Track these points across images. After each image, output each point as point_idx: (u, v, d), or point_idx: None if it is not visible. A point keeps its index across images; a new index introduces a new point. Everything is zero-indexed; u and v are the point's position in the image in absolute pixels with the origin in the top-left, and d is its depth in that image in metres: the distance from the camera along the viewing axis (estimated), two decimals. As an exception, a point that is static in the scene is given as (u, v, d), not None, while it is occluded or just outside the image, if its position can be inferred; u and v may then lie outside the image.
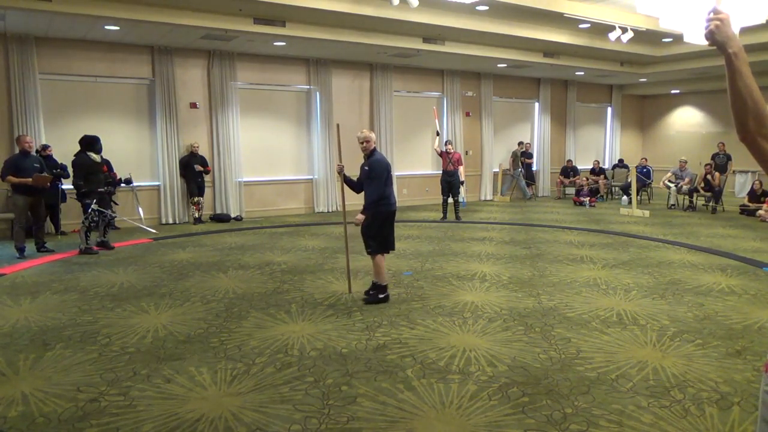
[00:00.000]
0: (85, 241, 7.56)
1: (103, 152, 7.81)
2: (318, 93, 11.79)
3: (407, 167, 13.19)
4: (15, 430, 2.97)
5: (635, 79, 15.28)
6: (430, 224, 10.37)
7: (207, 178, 10.64)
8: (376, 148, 5.30)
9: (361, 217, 5.18)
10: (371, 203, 5.17)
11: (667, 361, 3.86)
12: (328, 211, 12.03)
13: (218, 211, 10.87)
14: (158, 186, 10.39)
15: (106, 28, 8.58)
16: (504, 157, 14.84)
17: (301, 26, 9.26)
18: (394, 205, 5.32)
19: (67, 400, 3.29)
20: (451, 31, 10.03)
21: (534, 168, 15.21)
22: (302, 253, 7.64)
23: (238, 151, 11.01)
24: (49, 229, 9.01)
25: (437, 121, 11.38)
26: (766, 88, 4.26)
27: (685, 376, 3.61)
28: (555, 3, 9.24)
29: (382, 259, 5.30)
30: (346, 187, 5.47)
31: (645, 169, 13.89)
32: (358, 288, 5.75)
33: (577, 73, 14.49)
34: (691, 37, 2.51)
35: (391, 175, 5.35)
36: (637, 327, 4.58)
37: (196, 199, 10.46)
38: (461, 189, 11.04)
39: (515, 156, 14.65)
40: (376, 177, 5.13)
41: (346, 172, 5.40)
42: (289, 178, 11.86)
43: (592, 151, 16.91)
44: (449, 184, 10.51)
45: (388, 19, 9.00)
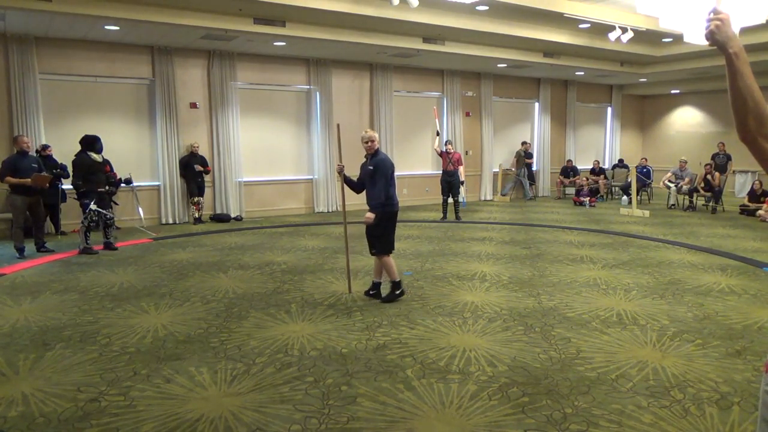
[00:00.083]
0: (85, 241, 7.56)
1: (103, 152, 7.80)
2: (318, 93, 11.79)
3: (407, 167, 13.18)
4: (15, 430, 2.97)
5: (635, 79, 15.28)
6: (430, 224, 10.37)
7: (207, 178, 10.65)
8: (379, 148, 5.32)
9: (371, 216, 5.16)
10: (378, 203, 5.17)
11: (667, 361, 3.86)
12: (328, 211, 12.04)
13: (218, 211, 10.87)
14: (158, 186, 10.39)
15: (106, 28, 8.58)
16: (504, 158, 14.85)
17: (301, 26, 9.26)
18: (397, 206, 5.34)
19: (67, 400, 3.29)
20: (451, 31, 10.03)
21: (534, 168, 15.21)
22: (302, 253, 7.64)
23: (238, 151, 11.01)
24: (49, 229, 9.01)
25: (437, 121, 11.38)
26: (766, 88, 4.26)
27: (685, 376, 3.61)
28: (555, 3, 9.24)
29: (389, 257, 5.33)
30: (346, 187, 5.48)
31: (645, 169, 13.90)
32: (358, 288, 5.75)
33: (577, 73, 14.49)
34: (691, 37, 2.50)
35: (394, 175, 5.37)
36: (637, 327, 4.59)
37: (196, 199, 10.46)
38: (461, 189, 11.04)
39: (519, 156, 14.64)
40: (382, 177, 5.14)
41: (346, 172, 5.40)
42: (289, 178, 11.87)
43: (592, 151, 16.91)
44: (449, 184, 10.52)
45: (388, 19, 9.01)
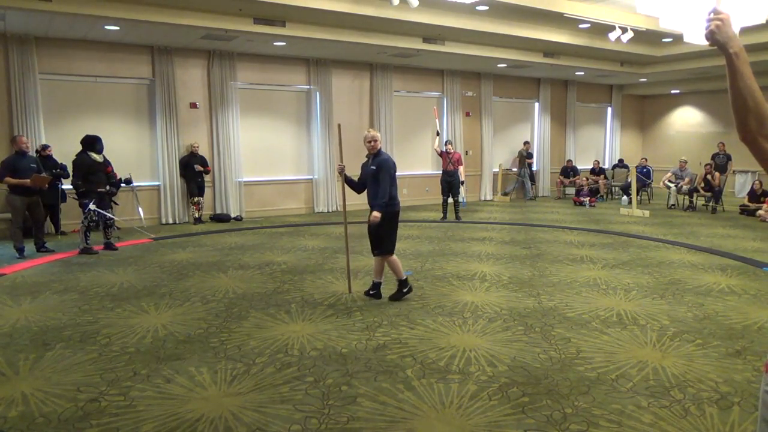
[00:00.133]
0: (85, 241, 7.56)
1: (103, 152, 7.79)
2: (318, 93, 11.79)
3: (407, 167, 13.17)
4: (15, 430, 2.96)
5: (635, 79, 15.28)
6: (430, 224, 10.37)
7: (207, 178, 10.65)
8: (381, 148, 5.32)
9: (378, 215, 5.14)
10: (384, 203, 5.16)
11: (667, 361, 3.86)
12: (328, 211, 12.04)
13: (218, 211, 10.87)
14: (158, 186, 10.39)
15: (106, 28, 8.58)
16: (504, 158, 14.84)
17: (301, 26, 9.26)
18: (399, 205, 5.35)
19: (67, 400, 3.29)
20: (451, 31, 10.03)
21: (534, 168, 15.21)
22: (302, 253, 7.64)
23: (238, 151, 11.01)
24: (49, 229, 9.01)
25: (437, 121, 11.38)
26: (766, 88, 4.26)
27: (685, 376, 3.61)
28: (555, 3, 9.24)
29: (393, 256, 5.35)
30: (346, 187, 5.48)
31: (645, 169, 13.90)
32: (358, 288, 5.75)
33: (577, 73, 14.49)
34: (691, 37, 2.50)
35: (396, 175, 5.39)
36: (637, 327, 4.59)
37: (196, 199, 10.46)
38: (461, 189, 11.04)
39: (521, 156, 14.65)
40: (387, 176, 5.15)
41: (346, 173, 5.41)
42: (289, 178, 11.87)
43: (592, 151, 16.91)
44: (449, 184, 10.52)
45: (388, 19, 9.01)
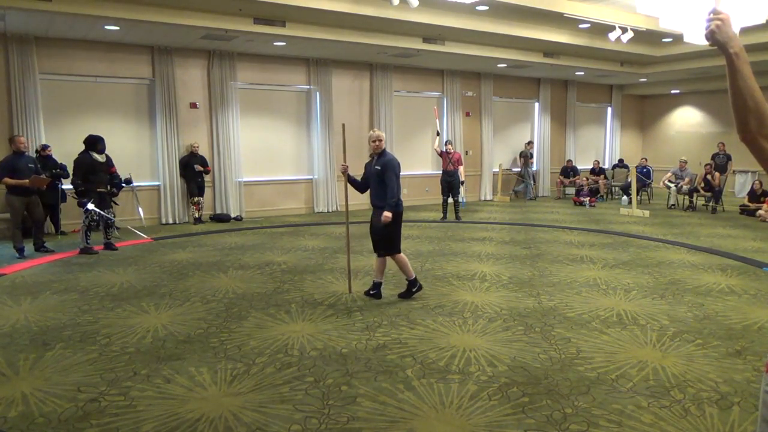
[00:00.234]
0: (86, 241, 7.56)
1: (105, 152, 7.78)
2: (318, 93, 11.79)
3: (407, 167, 13.09)
4: (15, 430, 2.97)
5: (635, 79, 15.27)
6: (430, 224, 10.37)
7: (207, 178, 10.64)
8: (385, 148, 5.33)
9: (389, 215, 5.14)
10: (394, 203, 5.17)
11: (667, 361, 3.86)
12: (328, 211, 12.03)
13: (218, 211, 10.87)
14: (158, 186, 10.39)
15: (106, 28, 8.57)
16: (504, 158, 14.83)
17: (301, 26, 9.26)
18: (402, 205, 5.37)
19: (67, 400, 3.29)
20: (451, 31, 10.03)
21: (534, 168, 15.21)
22: (302, 253, 7.64)
23: (238, 151, 11.00)
24: (49, 229, 9.01)
25: (437, 121, 11.38)
26: (766, 88, 4.25)
27: (685, 376, 3.61)
28: (555, 3, 9.24)
29: (401, 255, 5.36)
30: (349, 187, 5.49)
31: (645, 169, 13.90)
32: (358, 288, 5.75)
33: (577, 73, 14.48)
34: (691, 37, 2.51)
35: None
36: (637, 327, 4.59)
37: (196, 199, 10.46)
38: (461, 189, 11.04)
39: (525, 156, 14.67)
40: (394, 176, 5.17)
41: (348, 172, 5.41)
42: (289, 178, 11.86)
43: (592, 151, 16.90)
44: (449, 184, 10.52)
45: (388, 19, 9.00)
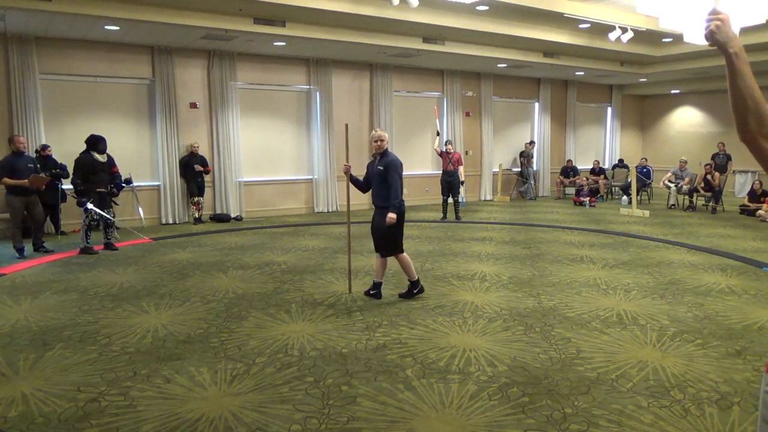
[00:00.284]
0: (86, 240, 7.56)
1: (106, 152, 7.77)
2: (318, 93, 11.79)
3: (407, 167, 12.88)
4: (15, 430, 2.97)
5: (635, 79, 15.27)
6: (430, 224, 10.37)
7: (207, 178, 10.64)
8: (388, 148, 5.33)
9: (394, 216, 5.15)
10: (397, 204, 5.17)
11: (667, 361, 3.86)
12: (328, 211, 12.03)
13: (218, 211, 10.87)
14: (158, 186, 10.39)
15: (106, 28, 8.57)
16: (504, 158, 14.82)
17: (301, 26, 9.26)
18: (404, 205, 5.37)
19: (67, 400, 3.29)
20: (451, 31, 10.03)
21: (534, 168, 15.22)
22: (302, 253, 7.64)
23: (238, 151, 11.00)
24: (49, 229, 9.01)
25: (437, 121, 11.38)
26: (766, 88, 4.25)
27: (685, 376, 3.61)
28: (555, 3, 9.24)
29: (404, 255, 5.37)
30: (351, 186, 5.49)
31: (645, 169, 13.90)
32: (358, 288, 5.75)
33: (577, 73, 14.48)
34: (691, 37, 2.50)
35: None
36: (637, 327, 4.59)
37: (196, 199, 10.46)
38: (461, 189, 11.04)
39: (527, 156, 14.67)
40: (398, 176, 5.17)
41: (351, 172, 5.42)
42: (289, 178, 11.86)
43: (592, 151, 16.90)
44: (449, 184, 10.53)
45: (388, 19, 9.00)
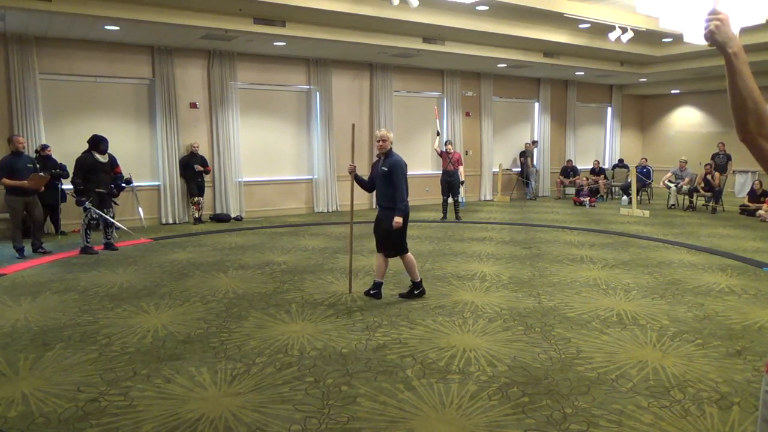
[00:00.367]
0: (85, 240, 7.56)
1: (107, 153, 7.77)
2: (318, 93, 11.79)
3: (407, 167, 13.15)
4: (15, 430, 2.97)
5: (635, 79, 15.27)
6: (430, 224, 10.37)
7: (207, 178, 10.64)
8: (392, 148, 5.31)
9: (400, 221, 5.16)
10: (403, 207, 5.18)
11: (667, 361, 3.86)
12: (328, 211, 12.02)
13: (218, 211, 10.87)
14: (158, 186, 10.39)
15: (106, 28, 8.57)
16: (504, 158, 14.81)
17: (301, 26, 9.26)
18: (408, 206, 5.37)
19: (67, 400, 3.29)
20: (451, 31, 10.03)
21: (535, 167, 15.21)
22: (302, 253, 7.64)
23: (238, 151, 11.00)
24: (49, 229, 9.01)
25: (437, 121, 11.38)
26: (766, 88, 4.26)
27: (685, 376, 3.61)
28: (555, 3, 9.24)
29: (409, 255, 5.38)
30: (355, 187, 5.50)
31: (645, 169, 13.90)
32: (358, 288, 5.75)
33: (577, 73, 14.48)
34: (691, 37, 2.50)
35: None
36: (637, 327, 4.59)
37: (196, 199, 10.46)
38: (461, 189, 11.04)
39: (531, 155, 14.67)
40: (403, 177, 5.18)
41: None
42: (289, 178, 11.85)
43: (592, 151, 16.90)
44: (449, 184, 10.53)
45: (388, 19, 9.00)
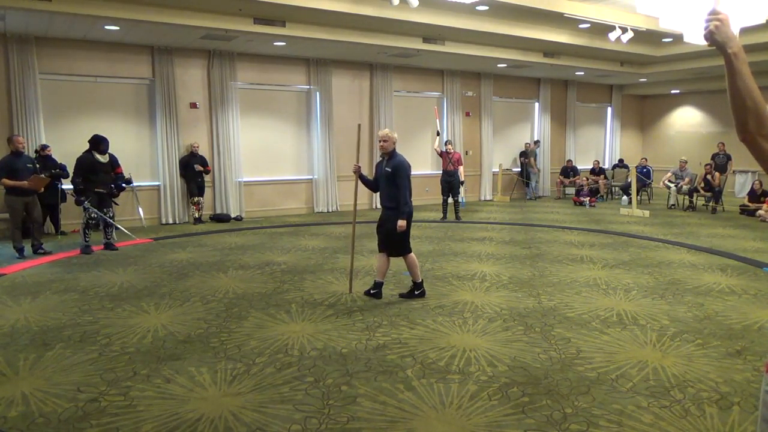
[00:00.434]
0: (84, 239, 7.56)
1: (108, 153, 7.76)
2: (318, 93, 11.79)
3: (407, 167, 13.16)
4: (15, 430, 2.97)
5: (635, 79, 15.27)
6: (430, 224, 10.37)
7: (207, 178, 10.64)
8: (395, 149, 5.31)
9: (403, 224, 5.16)
10: (406, 209, 5.17)
11: (667, 361, 3.86)
12: (328, 211, 12.01)
13: (218, 211, 10.87)
14: (158, 186, 10.39)
15: (106, 28, 8.57)
16: (504, 158, 14.81)
17: (301, 26, 9.26)
18: (412, 206, 5.36)
19: (67, 400, 3.29)
20: (451, 31, 10.03)
21: (537, 167, 15.23)
22: (302, 253, 7.64)
23: (238, 151, 11.00)
24: (49, 229, 9.01)
25: (437, 120, 11.38)
26: (766, 88, 4.26)
27: (685, 376, 3.61)
28: (555, 3, 9.24)
29: (412, 255, 5.38)
30: (359, 187, 5.50)
31: (645, 169, 13.90)
32: (358, 288, 5.75)
33: (577, 73, 14.48)
34: (691, 37, 2.50)
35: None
36: (637, 327, 4.59)
37: (196, 199, 10.46)
38: (461, 189, 11.04)
39: (534, 155, 14.67)
40: (406, 179, 5.18)
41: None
42: (289, 178, 11.85)
43: (592, 151, 16.90)
44: (449, 184, 10.53)
45: (388, 19, 9.00)
